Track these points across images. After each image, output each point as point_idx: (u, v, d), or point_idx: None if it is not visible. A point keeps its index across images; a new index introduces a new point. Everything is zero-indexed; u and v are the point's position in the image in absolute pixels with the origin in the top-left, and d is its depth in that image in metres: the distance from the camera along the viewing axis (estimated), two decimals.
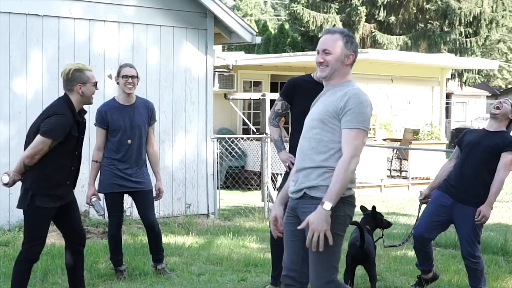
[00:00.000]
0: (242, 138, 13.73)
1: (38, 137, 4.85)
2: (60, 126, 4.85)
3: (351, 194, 3.84)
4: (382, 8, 25.68)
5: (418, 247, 5.89)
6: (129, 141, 6.13)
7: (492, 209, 5.68)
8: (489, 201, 5.59)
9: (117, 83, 6.23)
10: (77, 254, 5.32)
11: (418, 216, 5.98)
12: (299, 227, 3.76)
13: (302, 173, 3.87)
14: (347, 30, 4.00)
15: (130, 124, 6.12)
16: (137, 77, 6.19)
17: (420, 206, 6.00)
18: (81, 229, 5.33)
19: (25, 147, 5.01)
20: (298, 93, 5.70)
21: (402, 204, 11.25)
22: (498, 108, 5.76)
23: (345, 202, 3.79)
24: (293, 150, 5.79)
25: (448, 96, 29.55)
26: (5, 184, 5.03)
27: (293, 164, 5.61)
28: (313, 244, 3.66)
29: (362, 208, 5.98)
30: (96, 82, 5.12)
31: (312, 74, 5.80)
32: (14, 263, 5.15)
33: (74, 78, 4.98)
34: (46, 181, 4.91)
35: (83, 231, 5.38)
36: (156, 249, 6.41)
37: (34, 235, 5.01)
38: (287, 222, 3.98)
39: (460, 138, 5.92)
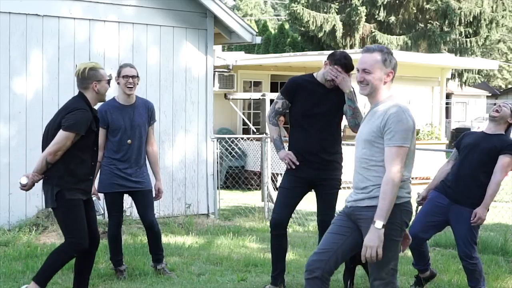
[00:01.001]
0: (242, 138, 13.73)
1: (61, 133, 4.91)
2: (82, 120, 4.94)
3: (407, 200, 4.05)
4: (382, 8, 25.68)
5: (413, 246, 5.90)
6: (129, 141, 6.13)
7: (488, 210, 5.69)
8: (485, 203, 5.60)
9: (118, 83, 6.23)
10: (89, 255, 5.30)
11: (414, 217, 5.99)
12: (364, 254, 3.94)
13: (359, 192, 4.08)
14: (385, 47, 4.13)
15: (130, 124, 6.13)
16: (137, 76, 6.20)
17: (417, 207, 6.00)
18: (96, 229, 5.33)
19: (43, 146, 5.07)
20: (300, 93, 5.67)
21: None
22: (497, 111, 5.77)
23: (402, 209, 4.01)
24: (292, 150, 5.79)
25: (448, 96, 29.55)
26: (23, 186, 5.04)
27: (292, 162, 5.63)
28: (366, 259, 3.93)
29: None
30: (109, 80, 5.19)
31: (314, 74, 5.78)
32: (54, 251, 5.17)
33: (90, 76, 5.07)
34: (71, 176, 4.97)
35: (98, 233, 5.37)
36: (156, 249, 6.40)
37: (76, 226, 5.03)
38: (337, 218, 4.23)
39: (459, 141, 5.93)
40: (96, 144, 5.19)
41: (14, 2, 8.38)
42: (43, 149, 5.07)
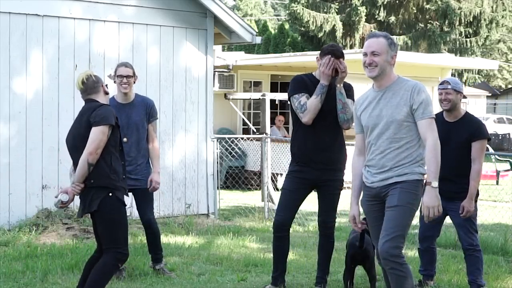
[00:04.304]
0: (242, 138, 13.71)
1: (95, 129, 4.77)
2: (110, 112, 4.86)
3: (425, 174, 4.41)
4: (382, 8, 25.70)
5: (425, 247, 5.96)
6: (124, 139, 6.11)
7: (476, 201, 5.72)
8: (470, 194, 5.63)
9: (114, 82, 6.26)
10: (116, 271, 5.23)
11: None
12: (427, 215, 4.24)
13: (385, 172, 4.38)
14: (388, 34, 4.51)
15: (127, 122, 6.13)
16: (133, 76, 6.20)
17: None
18: None
19: (75, 155, 4.90)
20: (308, 88, 5.66)
21: None
22: (447, 102, 5.74)
23: (423, 183, 4.37)
24: (297, 149, 5.76)
25: None
26: (65, 203, 4.90)
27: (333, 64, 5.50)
28: (430, 219, 4.26)
29: None
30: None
31: (313, 73, 5.77)
32: (102, 265, 4.88)
33: (98, 79, 5.01)
34: (114, 174, 4.85)
35: None
36: (155, 248, 6.40)
37: (120, 234, 4.91)
38: (372, 210, 4.51)
39: None
40: (121, 143, 5.07)
41: (14, 2, 8.38)
42: (75, 158, 4.88)
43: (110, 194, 4.81)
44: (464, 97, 5.91)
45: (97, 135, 4.77)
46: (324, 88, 5.56)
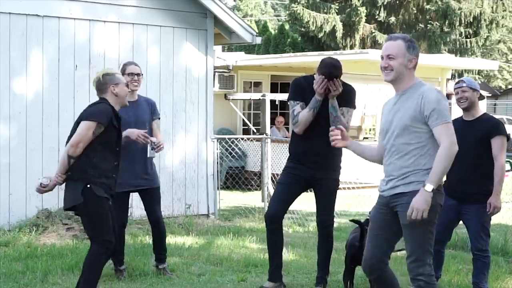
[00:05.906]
0: (242, 139, 13.71)
1: (82, 123, 4.88)
2: (102, 110, 4.94)
3: (441, 183, 4.19)
4: (382, 9, 25.70)
5: (435, 251, 5.93)
6: None
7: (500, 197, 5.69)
8: (496, 191, 5.60)
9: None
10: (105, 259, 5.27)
11: None
12: (409, 215, 4.06)
13: (393, 180, 4.24)
14: (408, 36, 4.34)
15: (135, 119, 6.15)
16: (141, 74, 6.36)
17: None
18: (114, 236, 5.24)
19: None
20: (305, 94, 5.68)
21: None
22: (464, 100, 5.73)
23: (438, 193, 4.15)
24: (295, 150, 5.78)
25: (448, 96, 29.44)
26: (43, 187, 5.01)
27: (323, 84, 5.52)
28: (412, 222, 4.06)
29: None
30: (127, 83, 5.27)
31: (315, 76, 5.78)
32: (91, 255, 5.01)
33: (106, 80, 5.10)
34: (94, 169, 4.92)
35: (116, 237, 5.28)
36: (160, 248, 6.40)
37: (104, 224, 4.98)
38: (379, 217, 4.36)
39: None
40: (119, 145, 5.13)
41: (14, 2, 8.38)
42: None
43: (88, 186, 4.91)
44: (483, 97, 5.88)
45: (82, 129, 4.88)
46: (318, 103, 5.61)
